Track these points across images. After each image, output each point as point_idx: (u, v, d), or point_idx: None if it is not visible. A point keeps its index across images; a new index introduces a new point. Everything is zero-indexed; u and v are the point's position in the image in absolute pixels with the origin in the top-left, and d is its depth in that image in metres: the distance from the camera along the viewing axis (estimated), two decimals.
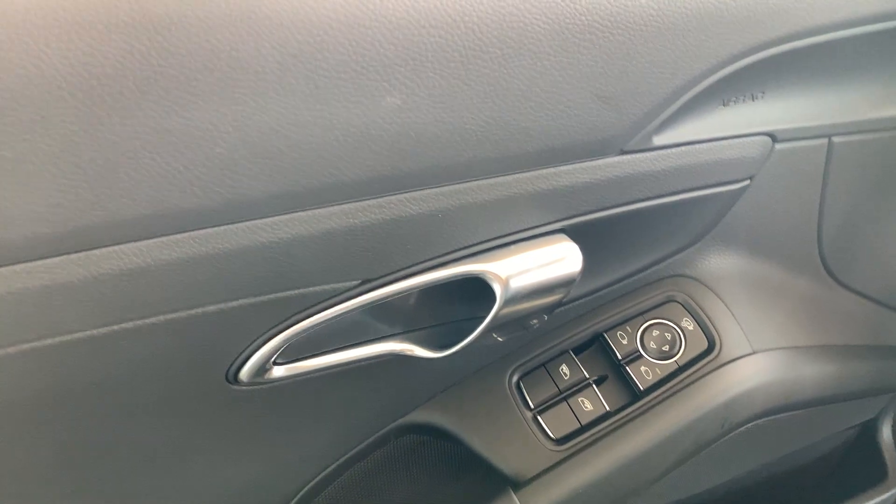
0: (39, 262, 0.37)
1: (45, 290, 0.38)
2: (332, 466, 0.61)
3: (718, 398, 0.59)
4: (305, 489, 0.61)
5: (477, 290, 0.53)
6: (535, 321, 0.57)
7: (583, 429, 0.59)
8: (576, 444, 0.58)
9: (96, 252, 0.38)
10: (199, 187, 0.38)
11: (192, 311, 0.44)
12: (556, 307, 0.55)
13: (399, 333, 0.54)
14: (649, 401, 0.59)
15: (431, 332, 0.55)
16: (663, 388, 0.59)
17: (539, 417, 0.59)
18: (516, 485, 0.58)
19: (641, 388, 0.59)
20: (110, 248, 0.39)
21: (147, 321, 0.43)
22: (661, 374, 0.60)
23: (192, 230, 0.40)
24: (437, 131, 0.43)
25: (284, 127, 0.39)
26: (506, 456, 0.59)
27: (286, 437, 0.57)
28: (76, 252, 0.38)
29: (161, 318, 0.43)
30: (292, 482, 0.61)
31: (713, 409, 0.58)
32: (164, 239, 0.40)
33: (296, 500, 0.61)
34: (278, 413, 0.54)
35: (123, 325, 0.42)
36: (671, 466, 0.59)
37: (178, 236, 0.40)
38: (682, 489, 0.60)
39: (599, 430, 0.59)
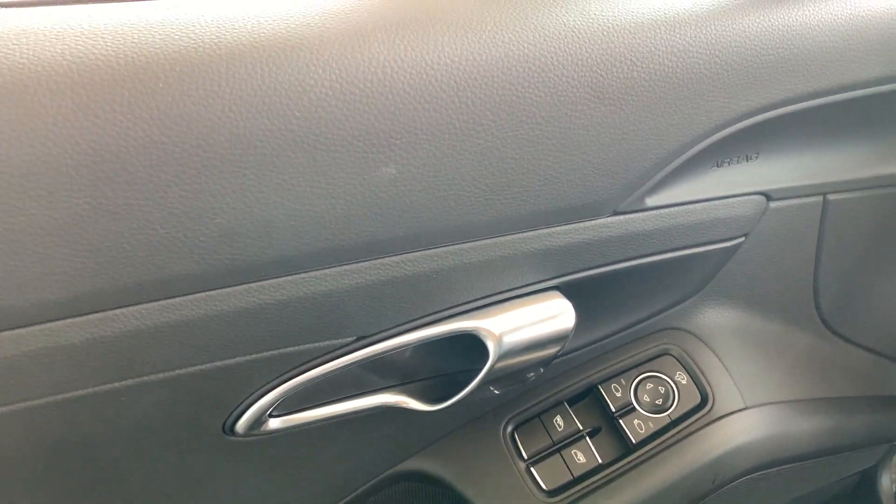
0: (46, 326, 0.39)
1: (48, 351, 0.39)
2: None
3: (710, 454, 0.59)
4: None
5: (472, 344, 0.54)
6: (530, 374, 0.58)
7: (575, 481, 0.59)
8: (568, 496, 0.59)
9: (99, 315, 0.40)
10: (198, 254, 0.40)
11: (191, 369, 0.45)
12: (551, 361, 0.56)
13: (394, 386, 0.55)
14: (642, 454, 0.60)
15: (426, 385, 0.55)
16: (656, 442, 0.60)
17: (532, 469, 0.60)
18: None
19: (634, 442, 0.60)
20: (113, 312, 0.40)
21: (147, 378, 0.44)
22: (653, 427, 0.60)
23: (192, 294, 0.41)
24: (432, 198, 0.44)
25: (283, 196, 0.40)
26: None
27: (281, 487, 0.58)
28: (80, 316, 0.39)
29: (160, 375, 0.45)
30: None
31: (705, 465, 0.59)
32: (164, 302, 0.41)
33: None
34: (274, 463, 0.55)
35: (124, 383, 0.44)
36: None
37: (178, 300, 0.41)
38: None
39: (591, 483, 0.59)
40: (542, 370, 0.57)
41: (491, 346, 0.51)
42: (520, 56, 0.43)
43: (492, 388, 0.58)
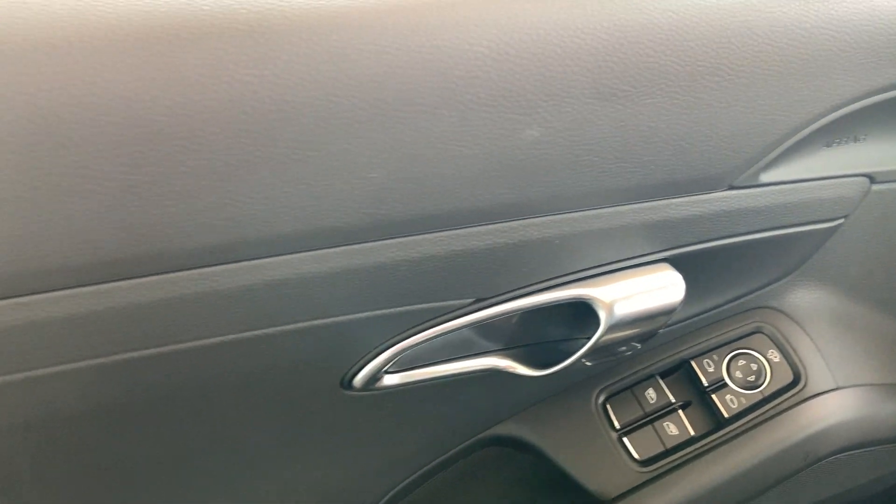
0: (196, 271, 0.40)
1: (201, 296, 0.41)
2: (418, 473, 0.63)
3: (802, 432, 0.60)
4: (391, 493, 0.63)
5: (577, 313, 0.55)
6: (624, 348, 0.58)
7: (667, 452, 0.60)
8: (660, 466, 0.60)
9: (250, 263, 0.41)
10: (352, 208, 0.40)
11: (320, 321, 0.46)
12: (652, 336, 0.57)
13: (500, 350, 0.56)
14: (734, 429, 0.60)
15: (530, 351, 0.56)
16: (748, 418, 0.60)
17: (624, 438, 0.61)
18: (604, 503, 0.59)
19: (726, 416, 0.61)
20: (263, 261, 0.41)
21: (269, 331, 0.45)
22: (745, 403, 0.61)
23: (337, 246, 0.42)
24: (569, 163, 0.45)
25: (432, 155, 0.41)
26: (590, 474, 0.61)
27: (380, 442, 0.59)
28: (236, 262, 0.40)
29: (291, 326, 0.46)
30: (379, 486, 0.63)
31: (797, 443, 0.60)
32: (312, 254, 0.42)
33: (384, 500, 0.64)
34: (377, 418, 0.57)
35: (255, 332, 0.45)
36: (753, 494, 0.60)
37: (325, 251, 0.42)
38: None
39: (683, 455, 0.60)
40: (639, 346, 0.58)
41: (602, 315, 0.52)
42: (662, 24, 0.44)
43: (584, 361, 0.59)
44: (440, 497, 0.66)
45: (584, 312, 0.53)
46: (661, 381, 0.63)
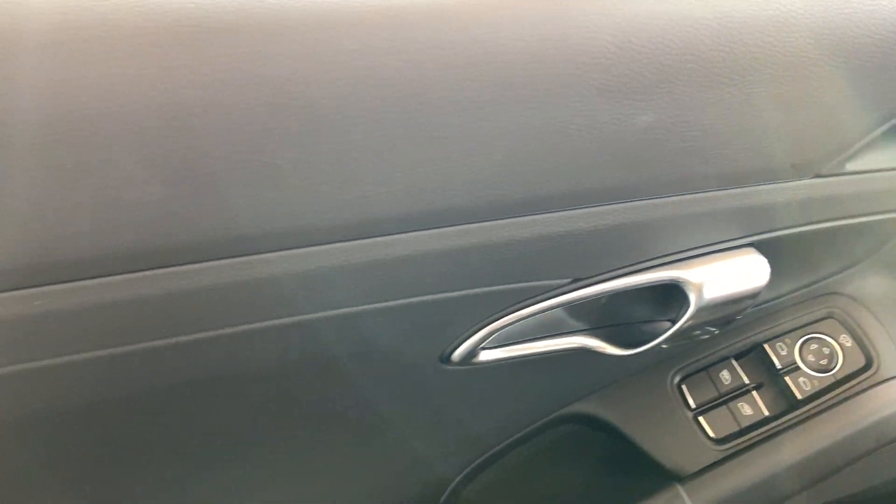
0: (303, 250, 0.42)
1: (340, 269, 0.43)
2: (497, 448, 0.66)
3: (874, 415, 0.61)
4: (470, 467, 0.66)
5: (661, 296, 0.57)
6: (700, 332, 0.60)
7: (741, 431, 0.62)
8: (734, 445, 0.62)
9: (377, 240, 0.43)
10: (473, 188, 0.42)
11: (429, 297, 0.48)
12: (732, 320, 0.58)
13: (588, 329, 0.58)
14: (806, 411, 0.62)
15: (616, 331, 0.58)
16: (820, 400, 0.62)
17: (700, 418, 0.63)
18: (680, 479, 0.61)
19: (799, 398, 0.63)
20: (386, 238, 0.43)
21: (370, 307, 0.47)
22: (818, 385, 0.63)
23: (454, 226, 0.44)
24: (675, 148, 0.46)
25: (551, 137, 0.43)
26: (667, 451, 0.63)
27: (465, 416, 0.61)
28: (357, 240, 0.42)
29: (397, 302, 0.48)
30: (460, 459, 0.65)
31: (869, 425, 0.61)
32: (429, 232, 0.44)
33: (460, 477, 0.66)
34: (466, 393, 0.59)
35: (345, 310, 0.47)
36: (825, 474, 0.62)
37: (444, 230, 0.44)
38: (829, 494, 0.63)
39: (758, 434, 0.62)
40: (716, 331, 0.60)
41: (692, 297, 0.54)
42: (770, 16, 0.45)
43: (662, 343, 0.61)
44: (516, 472, 0.69)
45: (668, 295, 0.55)
46: (735, 363, 0.65)
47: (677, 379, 0.65)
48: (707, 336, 0.61)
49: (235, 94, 0.36)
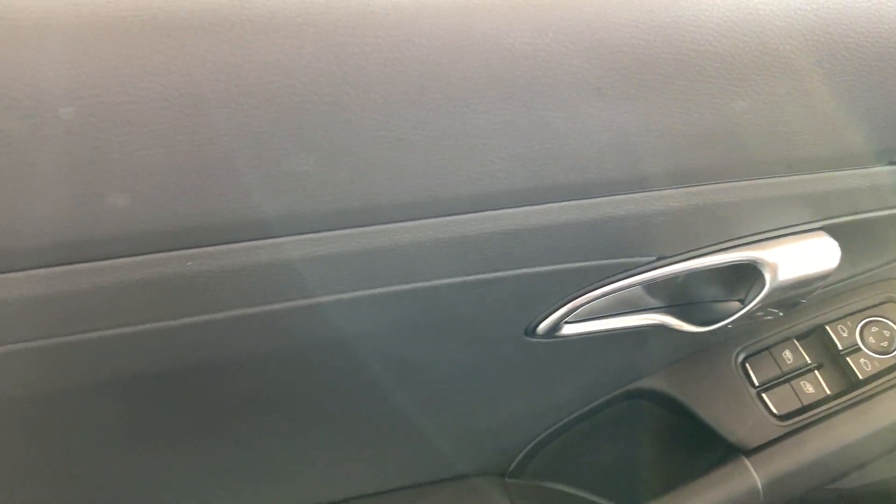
0: (413, 223, 0.44)
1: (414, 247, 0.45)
2: (565, 420, 0.68)
3: None
4: (539, 438, 0.69)
5: (732, 276, 0.59)
6: (763, 314, 0.63)
7: (804, 409, 0.65)
8: (797, 421, 0.64)
9: (465, 216, 0.45)
10: (578, 167, 0.45)
11: (517, 272, 0.51)
12: (798, 302, 0.61)
13: (663, 307, 0.60)
14: (867, 390, 0.65)
15: (689, 309, 0.61)
16: (881, 381, 0.65)
17: (763, 395, 0.66)
18: (745, 452, 0.64)
19: (860, 378, 0.65)
20: (474, 215, 0.46)
21: (458, 279, 0.49)
22: (879, 367, 0.65)
23: (553, 202, 0.47)
24: (764, 133, 0.49)
25: (655, 119, 0.45)
26: (731, 427, 0.65)
27: (540, 388, 0.64)
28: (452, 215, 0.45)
29: (490, 275, 0.50)
30: (530, 430, 0.68)
31: None
32: (527, 209, 0.46)
33: (528, 447, 0.69)
34: (542, 366, 0.62)
35: (431, 283, 0.49)
36: (884, 452, 0.64)
37: (545, 206, 0.47)
38: (887, 471, 0.66)
39: (820, 412, 0.65)
40: (780, 313, 0.62)
41: (768, 278, 0.56)
42: (861, 7, 0.47)
43: (728, 324, 0.63)
44: (581, 444, 0.71)
45: (739, 275, 0.58)
46: (797, 343, 0.67)
47: (741, 357, 0.67)
48: (771, 318, 0.64)
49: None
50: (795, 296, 0.59)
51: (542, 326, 0.55)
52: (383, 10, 0.38)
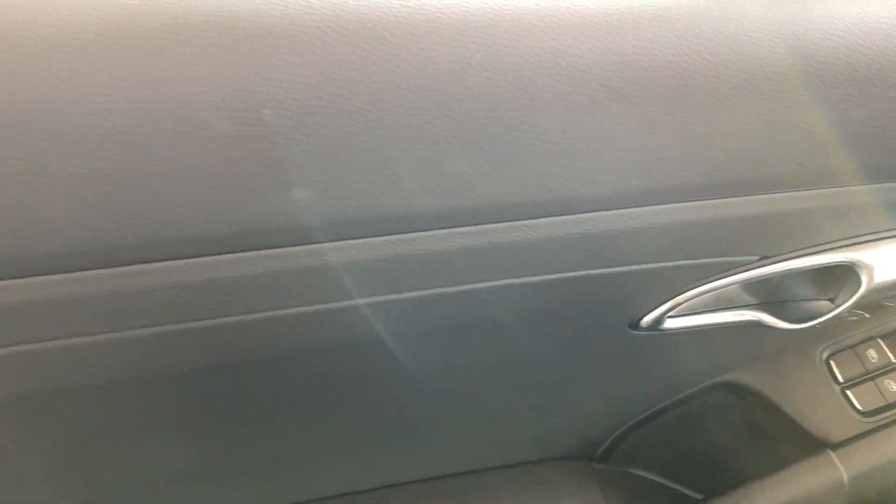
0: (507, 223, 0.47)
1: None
2: (651, 410, 0.71)
3: None
4: (626, 425, 0.72)
5: (824, 276, 0.61)
6: (849, 314, 0.65)
7: (888, 406, 0.67)
8: (881, 418, 0.67)
9: (594, 214, 0.48)
10: (694, 169, 0.47)
11: (626, 268, 0.54)
12: (887, 304, 0.63)
13: (758, 304, 0.63)
14: None
15: (782, 307, 0.63)
16: None
17: (847, 391, 0.68)
18: (831, 446, 0.67)
19: None
20: (603, 213, 0.48)
21: (553, 276, 0.52)
22: None
23: (668, 204, 0.49)
24: (877, 142, 0.51)
25: (778, 126, 0.48)
26: (816, 421, 0.68)
27: (633, 379, 0.67)
28: (563, 215, 0.47)
29: (600, 271, 0.53)
30: (620, 417, 0.71)
31: None
32: (644, 209, 0.49)
33: (616, 434, 0.72)
34: (641, 358, 0.65)
35: (533, 279, 0.51)
36: None
37: (663, 207, 0.49)
38: None
39: None
40: (867, 315, 0.65)
41: (864, 279, 0.58)
42: None
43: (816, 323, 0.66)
44: (667, 433, 0.74)
45: (831, 275, 0.60)
46: (881, 343, 0.70)
47: (825, 355, 0.70)
48: (856, 318, 0.66)
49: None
50: (886, 297, 0.61)
51: (646, 320, 0.58)
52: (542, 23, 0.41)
